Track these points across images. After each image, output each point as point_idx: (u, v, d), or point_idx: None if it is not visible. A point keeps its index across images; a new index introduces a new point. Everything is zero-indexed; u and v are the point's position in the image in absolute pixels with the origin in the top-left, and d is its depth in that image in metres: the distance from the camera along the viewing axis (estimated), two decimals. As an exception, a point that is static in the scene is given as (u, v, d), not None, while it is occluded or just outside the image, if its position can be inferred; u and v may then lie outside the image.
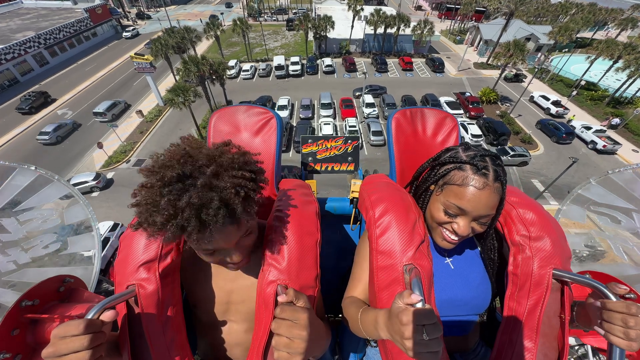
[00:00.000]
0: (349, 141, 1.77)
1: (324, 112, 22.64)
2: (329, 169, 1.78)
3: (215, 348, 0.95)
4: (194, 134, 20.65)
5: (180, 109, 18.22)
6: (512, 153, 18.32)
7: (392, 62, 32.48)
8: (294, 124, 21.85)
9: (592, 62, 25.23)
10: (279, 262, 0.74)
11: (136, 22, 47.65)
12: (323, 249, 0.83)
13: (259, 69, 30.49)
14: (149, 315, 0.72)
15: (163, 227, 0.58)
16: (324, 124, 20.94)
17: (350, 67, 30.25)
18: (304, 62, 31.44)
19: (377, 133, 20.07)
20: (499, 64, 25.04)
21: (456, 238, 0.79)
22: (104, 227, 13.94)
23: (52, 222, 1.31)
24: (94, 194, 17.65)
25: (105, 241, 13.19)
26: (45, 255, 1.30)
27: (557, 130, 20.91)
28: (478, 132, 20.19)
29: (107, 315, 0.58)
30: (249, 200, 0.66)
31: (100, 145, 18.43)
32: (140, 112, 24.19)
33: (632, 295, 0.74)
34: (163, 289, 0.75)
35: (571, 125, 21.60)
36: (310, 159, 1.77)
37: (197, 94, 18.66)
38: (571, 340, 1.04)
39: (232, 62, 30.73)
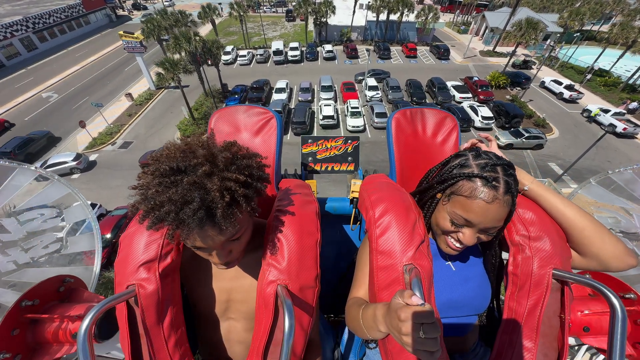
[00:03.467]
0: (349, 141, 1.77)
1: (324, 95, 21.33)
2: (329, 169, 1.78)
3: (216, 347, 0.93)
4: (185, 115, 19.34)
5: (169, 83, 16.88)
6: (526, 135, 17.03)
7: (395, 49, 31.29)
8: (292, 107, 20.50)
9: (605, 47, 24.13)
10: (279, 262, 0.73)
11: (132, 12, 46.50)
12: (323, 249, 0.81)
13: (257, 55, 29.24)
14: (149, 315, 0.72)
15: (145, 215, 0.60)
16: (325, 105, 19.62)
17: (352, 53, 29.02)
18: (304, 49, 30.24)
19: (381, 115, 18.75)
20: (508, 50, 23.81)
21: (460, 246, 0.77)
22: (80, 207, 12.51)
23: (52, 222, 1.29)
24: (74, 176, 16.24)
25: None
26: (45, 255, 1.27)
27: (518, 77, 24.09)
28: (489, 114, 18.93)
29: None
30: (235, 206, 0.63)
31: (82, 125, 17.05)
32: (129, 95, 22.86)
33: (632, 296, 0.82)
34: (163, 289, 0.74)
35: (587, 109, 20.38)
36: (310, 159, 1.78)
37: (187, 70, 17.32)
38: (571, 340, 0.98)
39: (229, 48, 29.48)
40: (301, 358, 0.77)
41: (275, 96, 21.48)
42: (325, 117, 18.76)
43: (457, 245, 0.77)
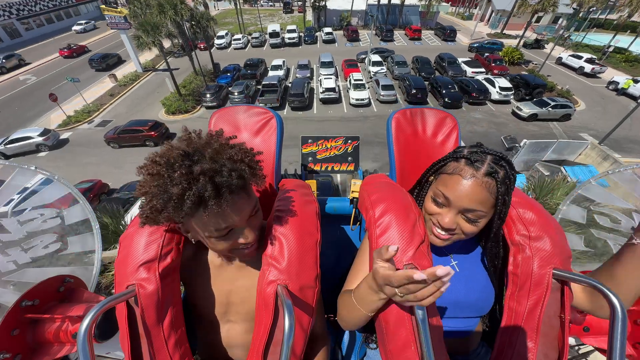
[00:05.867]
0: (349, 141, 1.77)
1: (324, 72, 19.55)
2: (329, 169, 1.78)
3: (215, 348, 0.93)
4: (170, 90, 17.51)
5: (150, 49, 15.08)
6: (552, 104, 15.16)
7: (398, 33, 29.78)
8: (289, 84, 18.60)
9: (624, 20, 22.52)
10: (279, 262, 0.73)
11: (125, 6, 45.31)
12: (323, 249, 0.82)
13: (252, 38, 27.66)
14: (149, 315, 0.72)
15: (180, 199, 0.58)
16: (325, 79, 17.82)
17: (352, 36, 27.45)
18: (302, 34, 28.71)
19: (388, 87, 16.93)
20: (517, 33, 22.13)
21: (443, 232, 0.76)
22: (35, 179, 10.51)
23: (52, 222, 1.29)
24: (42, 154, 14.29)
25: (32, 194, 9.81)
26: (45, 255, 1.28)
27: (494, 44, 24.43)
28: (507, 84, 17.10)
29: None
30: (253, 170, 0.67)
31: (53, 98, 15.18)
32: (113, 76, 21.11)
33: None
34: (163, 289, 0.74)
35: (614, 81, 18.57)
36: (310, 159, 1.77)
37: (171, 34, 15.54)
38: (571, 340, 0.99)
39: (222, 32, 27.94)
40: (301, 358, 0.76)
41: (271, 73, 19.70)
42: (326, 90, 16.91)
43: (439, 230, 0.75)
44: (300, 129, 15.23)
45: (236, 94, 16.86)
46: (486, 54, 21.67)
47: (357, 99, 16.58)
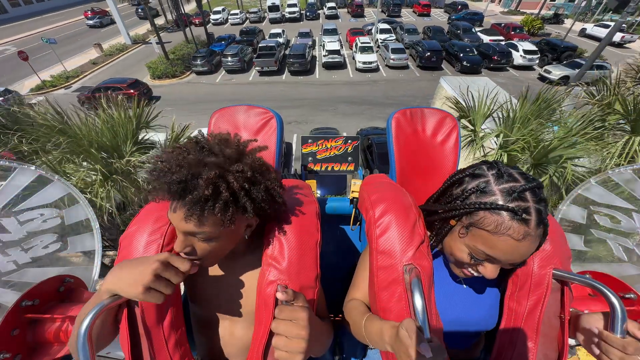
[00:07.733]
0: (349, 141, 1.80)
1: (327, 39, 17.83)
2: (329, 169, 1.81)
3: (215, 348, 0.93)
4: (156, 52, 15.81)
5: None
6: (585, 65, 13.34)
7: (405, 11, 28.09)
8: (288, 52, 16.81)
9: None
10: (279, 262, 0.74)
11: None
12: (323, 249, 0.82)
13: (250, 13, 26.03)
14: (149, 315, 0.72)
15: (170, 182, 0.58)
16: (329, 42, 16.11)
17: (357, 11, 25.75)
18: (303, 12, 27.08)
19: (398, 50, 15.21)
20: (532, 11, 20.32)
21: (477, 274, 0.71)
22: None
23: (52, 222, 1.29)
24: (6, 116, 12.58)
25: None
26: (45, 255, 1.28)
27: (475, 15, 23.77)
28: (532, 47, 15.34)
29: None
30: (213, 203, 0.58)
31: (24, 57, 13.51)
32: (98, 45, 19.49)
33: (632, 296, 0.83)
34: None
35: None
36: (310, 159, 1.81)
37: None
38: (571, 341, 0.94)
39: (219, 8, 26.32)
40: None
41: (270, 40, 18.02)
42: (330, 53, 15.19)
43: (475, 274, 0.70)
44: (300, 92, 13.51)
45: (229, 57, 15.17)
46: (503, 23, 19.91)
47: (364, 62, 14.84)
